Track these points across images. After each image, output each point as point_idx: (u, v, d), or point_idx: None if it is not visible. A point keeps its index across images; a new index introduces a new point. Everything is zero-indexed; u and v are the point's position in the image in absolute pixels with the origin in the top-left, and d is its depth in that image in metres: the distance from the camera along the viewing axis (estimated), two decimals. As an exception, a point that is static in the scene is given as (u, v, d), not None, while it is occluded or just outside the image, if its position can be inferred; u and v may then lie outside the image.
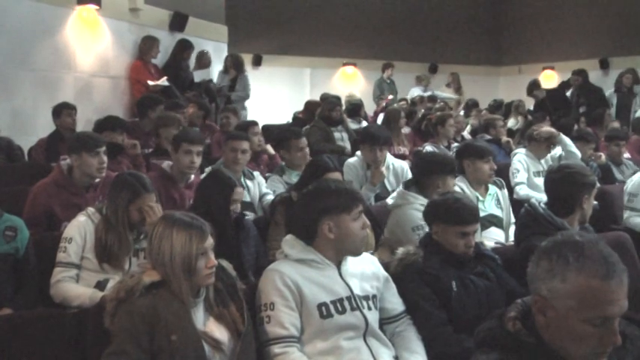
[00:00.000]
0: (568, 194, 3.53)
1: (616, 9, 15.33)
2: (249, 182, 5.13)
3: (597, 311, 1.75)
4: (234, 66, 10.08)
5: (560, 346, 1.82)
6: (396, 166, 5.60)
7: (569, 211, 3.52)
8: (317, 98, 10.40)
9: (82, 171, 4.29)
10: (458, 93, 13.85)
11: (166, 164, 4.85)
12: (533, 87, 10.74)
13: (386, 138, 5.56)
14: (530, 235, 3.47)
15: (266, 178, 5.42)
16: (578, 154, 6.19)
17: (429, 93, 13.52)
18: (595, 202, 3.71)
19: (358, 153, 5.77)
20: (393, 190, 4.71)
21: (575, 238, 1.85)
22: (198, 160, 4.77)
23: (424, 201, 4.06)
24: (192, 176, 4.81)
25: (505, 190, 5.08)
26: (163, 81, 8.68)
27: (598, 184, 4.00)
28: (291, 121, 10.10)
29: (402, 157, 6.79)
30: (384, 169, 5.38)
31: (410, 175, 5.18)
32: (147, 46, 8.91)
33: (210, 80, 9.62)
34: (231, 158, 5.13)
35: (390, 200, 4.49)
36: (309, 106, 9.87)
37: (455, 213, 3.19)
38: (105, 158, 4.36)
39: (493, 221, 4.82)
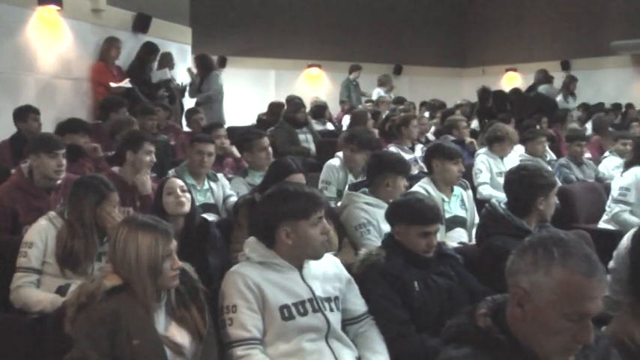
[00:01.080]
0: (523, 195, 3.58)
1: (577, 12, 15.59)
2: (212, 184, 5.11)
3: (577, 307, 1.77)
4: (200, 66, 10.02)
5: (531, 340, 1.83)
6: None
7: (526, 211, 3.56)
8: (282, 100, 10.40)
9: (40, 172, 4.25)
10: (391, 93, 13.96)
11: (116, 168, 4.83)
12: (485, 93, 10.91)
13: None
14: (491, 235, 3.52)
15: (230, 180, 5.39)
16: None
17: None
18: (557, 202, 3.76)
19: (340, 154, 5.78)
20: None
21: (561, 235, 1.89)
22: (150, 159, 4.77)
23: (368, 199, 4.22)
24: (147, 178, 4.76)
25: (470, 191, 5.13)
26: (126, 83, 8.59)
27: (559, 184, 4.06)
28: (255, 122, 10.09)
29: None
30: None
31: None
32: (109, 47, 8.81)
33: (170, 80, 9.48)
34: (197, 161, 5.10)
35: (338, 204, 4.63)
36: (274, 107, 9.88)
37: (416, 213, 3.22)
38: (63, 161, 4.32)
39: (458, 222, 4.85)
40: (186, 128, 8.80)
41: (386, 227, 3.67)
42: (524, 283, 1.82)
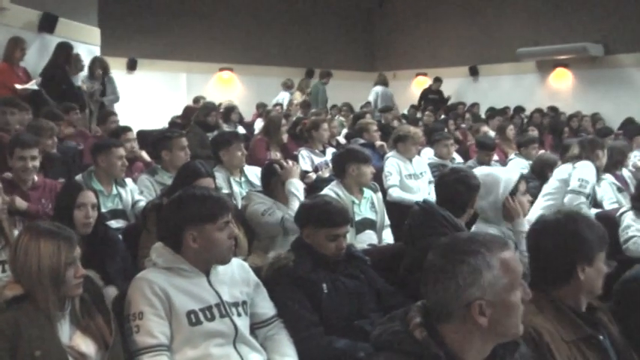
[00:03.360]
0: (460, 196, 3.72)
1: (485, 20, 16.09)
2: (120, 190, 5.03)
3: (518, 274, 1.91)
4: (103, 69, 9.81)
5: (503, 333, 1.91)
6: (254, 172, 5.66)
7: (461, 211, 3.72)
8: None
9: None
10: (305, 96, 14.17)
11: (6, 174, 4.73)
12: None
13: None
14: (428, 235, 3.53)
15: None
16: None
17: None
18: None
19: None
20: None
21: (459, 235, 2.01)
22: (32, 164, 4.64)
23: (264, 197, 4.53)
24: (36, 178, 4.67)
25: (379, 194, 5.24)
26: (32, 84, 8.31)
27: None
28: (167, 126, 9.94)
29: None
30: None
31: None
32: (13, 48, 8.49)
33: (72, 86, 9.22)
34: (106, 166, 5.01)
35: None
36: (188, 111, 9.76)
37: (325, 216, 3.27)
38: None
39: (368, 224, 4.94)
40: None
41: None
42: (475, 294, 1.86)
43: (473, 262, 1.86)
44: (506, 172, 4.04)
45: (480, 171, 4.02)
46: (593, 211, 5.42)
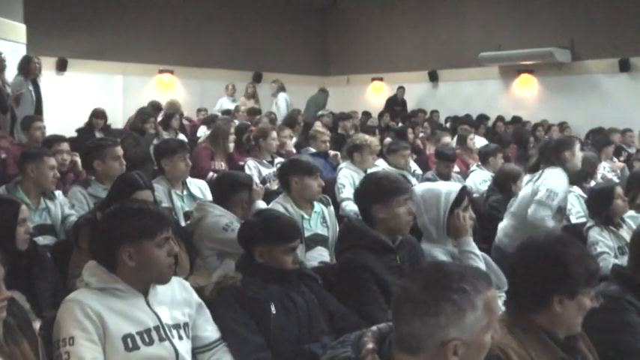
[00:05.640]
0: (361, 204, 3.76)
1: (445, 23, 16.34)
2: (49, 203, 4.96)
3: (496, 315, 1.95)
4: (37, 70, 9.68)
5: None
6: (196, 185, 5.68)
7: (368, 221, 3.67)
8: (131, 107, 10.24)
9: None
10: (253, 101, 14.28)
11: None
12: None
13: None
14: (347, 249, 3.63)
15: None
16: None
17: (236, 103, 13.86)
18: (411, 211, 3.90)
19: None
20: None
21: (446, 267, 1.98)
22: None
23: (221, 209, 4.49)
24: None
25: (331, 207, 5.24)
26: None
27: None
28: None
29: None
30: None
31: (209, 195, 5.36)
32: None
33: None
34: (36, 177, 4.94)
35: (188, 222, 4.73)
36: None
37: (279, 231, 3.30)
38: None
39: (319, 240, 4.96)
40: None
41: None
42: (453, 334, 1.86)
43: (458, 302, 1.86)
44: (446, 185, 4.01)
45: (420, 187, 4.01)
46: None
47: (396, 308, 1.93)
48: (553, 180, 5.40)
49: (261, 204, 4.71)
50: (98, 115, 10.30)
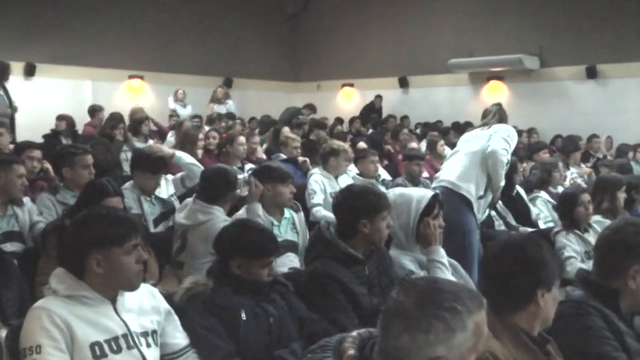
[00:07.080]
0: (346, 218, 3.69)
1: (415, 30, 16.44)
2: (17, 209, 4.91)
3: (483, 337, 1.94)
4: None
5: None
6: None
7: (350, 234, 3.65)
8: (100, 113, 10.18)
9: None
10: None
11: None
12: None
13: None
14: (316, 258, 3.63)
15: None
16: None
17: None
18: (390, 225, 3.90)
19: None
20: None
21: (439, 284, 1.96)
22: None
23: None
24: None
25: (301, 214, 5.26)
26: None
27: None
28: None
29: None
30: None
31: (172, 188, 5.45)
32: None
33: None
34: (4, 184, 4.89)
35: (184, 220, 4.68)
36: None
37: (259, 247, 3.30)
38: None
39: (289, 246, 4.97)
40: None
41: None
42: (440, 352, 1.86)
43: (450, 321, 1.85)
44: (419, 192, 4.00)
45: (393, 192, 4.00)
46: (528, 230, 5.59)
47: (385, 321, 1.92)
48: None
49: (257, 209, 4.75)
50: (61, 118, 10.23)
